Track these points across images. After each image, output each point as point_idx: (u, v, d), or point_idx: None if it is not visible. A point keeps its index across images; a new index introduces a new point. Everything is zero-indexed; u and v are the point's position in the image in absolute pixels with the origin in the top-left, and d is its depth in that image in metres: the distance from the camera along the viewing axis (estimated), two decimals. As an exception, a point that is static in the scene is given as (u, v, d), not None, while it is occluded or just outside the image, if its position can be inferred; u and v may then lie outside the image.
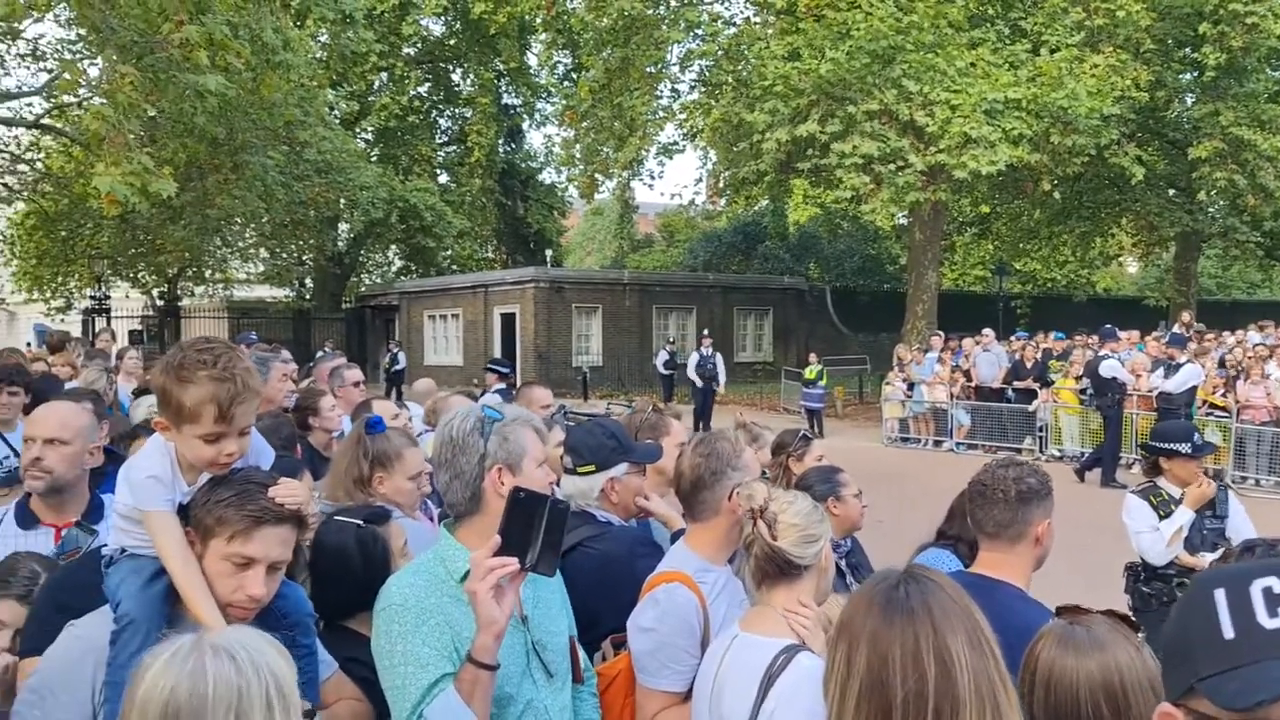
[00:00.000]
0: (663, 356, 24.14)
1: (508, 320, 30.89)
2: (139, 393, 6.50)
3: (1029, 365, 17.43)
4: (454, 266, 37.40)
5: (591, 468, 3.10)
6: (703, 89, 25.01)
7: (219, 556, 1.99)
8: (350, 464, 3.39)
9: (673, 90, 26.26)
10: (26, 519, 3.07)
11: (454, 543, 2.22)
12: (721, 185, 27.59)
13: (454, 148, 39.91)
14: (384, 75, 35.28)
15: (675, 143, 26.71)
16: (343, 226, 35.75)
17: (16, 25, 20.95)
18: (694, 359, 20.63)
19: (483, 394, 8.05)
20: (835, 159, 19.27)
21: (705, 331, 23.07)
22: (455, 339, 33.20)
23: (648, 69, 23.49)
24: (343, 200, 28.62)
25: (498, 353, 28.01)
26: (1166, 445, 4.88)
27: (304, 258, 35.03)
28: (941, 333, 20.34)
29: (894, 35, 18.55)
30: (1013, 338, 19.69)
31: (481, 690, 1.99)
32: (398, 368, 26.95)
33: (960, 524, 3.71)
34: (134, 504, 2.03)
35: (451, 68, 38.68)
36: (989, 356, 18.11)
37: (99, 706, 1.95)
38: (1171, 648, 1.11)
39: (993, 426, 17.34)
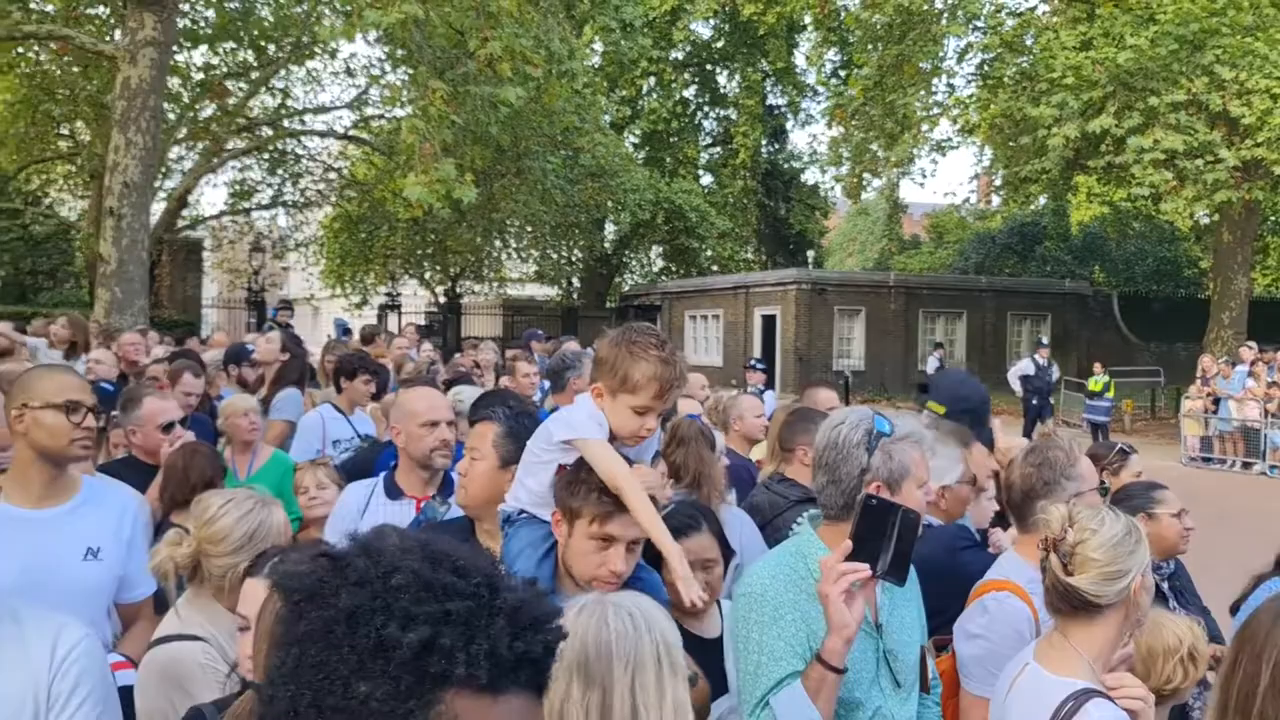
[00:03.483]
0: (933, 363, 23.36)
1: (768, 322, 30.90)
2: (448, 384, 7.03)
3: (1364, 382, 15.41)
4: (714, 267, 37.89)
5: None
6: (980, 83, 23.93)
7: (584, 536, 2.16)
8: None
9: (948, 85, 25.35)
10: (393, 490, 3.40)
11: (816, 541, 2.26)
12: (997, 183, 26.32)
13: (717, 149, 40.42)
14: (652, 80, 36.29)
15: (948, 139, 25.72)
16: (609, 227, 37.10)
17: (335, 46, 23.36)
18: (1024, 367, 18.71)
19: (743, 391, 8.13)
20: (1132, 155, 17.84)
21: (1043, 340, 20.40)
22: (715, 339, 33.61)
23: (922, 65, 22.76)
24: (610, 202, 29.72)
25: (758, 354, 28.09)
26: None
27: (573, 257, 36.65)
28: (1253, 344, 18.32)
29: (1207, 18, 16.92)
30: (1345, 351, 17.45)
31: (827, 691, 2.03)
32: (659, 365, 27.63)
33: (1312, 553, 3.38)
34: (571, 434, 2.24)
35: (717, 70, 39.19)
36: (1314, 371, 16.17)
37: None
38: None
39: (1316, 450, 15.48)
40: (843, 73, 31.85)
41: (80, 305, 18.44)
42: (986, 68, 23.17)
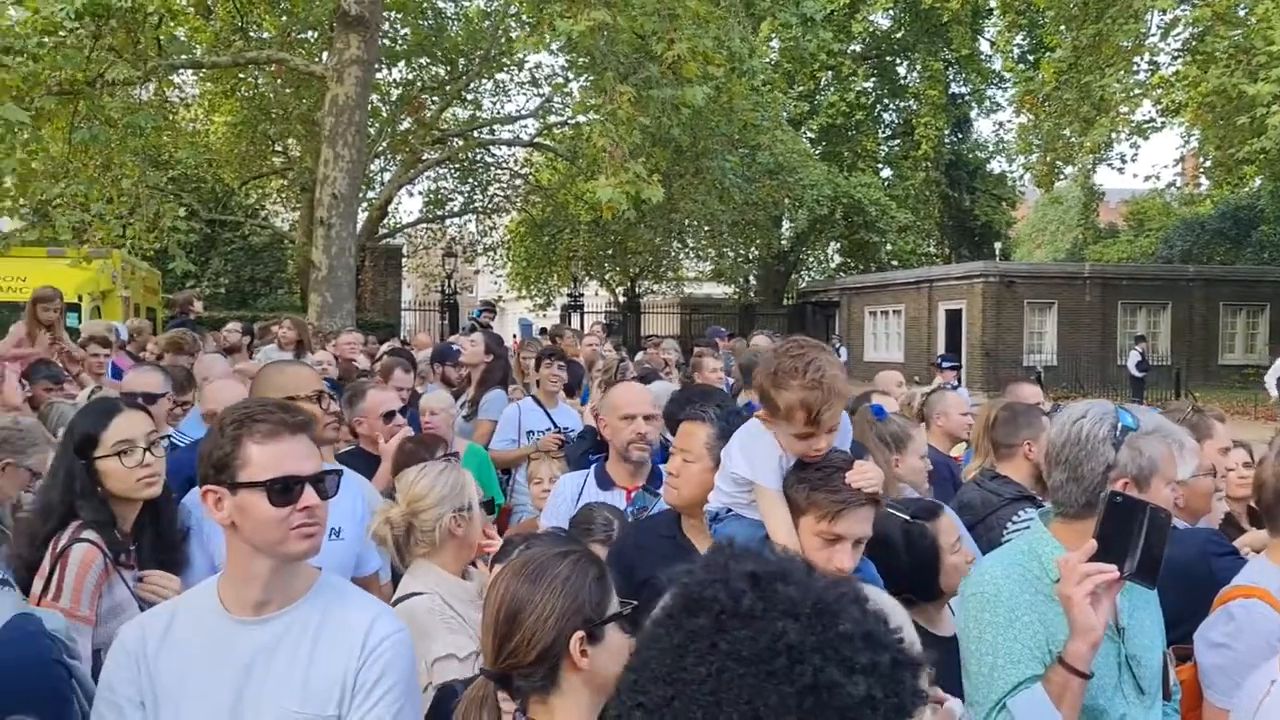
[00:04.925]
0: (1134, 357, 21.98)
1: (953, 317, 29.92)
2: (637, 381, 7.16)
3: None
4: (894, 262, 36.96)
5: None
6: (1188, 59, 22.29)
7: (811, 533, 2.19)
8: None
9: (1150, 63, 23.72)
10: (604, 481, 3.57)
11: (1050, 539, 2.19)
12: (1206, 165, 24.50)
13: (898, 141, 39.39)
14: (830, 74, 35.71)
15: (1151, 121, 24.08)
16: (786, 224, 36.79)
17: (521, 57, 24.19)
18: None
19: (933, 389, 7.87)
20: (1365, 129, 16.25)
21: None
22: (897, 335, 32.82)
23: (1122, 43, 21.42)
24: (787, 199, 29.48)
25: (942, 350, 27.19)
26: None
27: (750, 255, 36.58)
28: None
29: None
30: None
31: (1071, 696, 1.97)
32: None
33: None
34: (751, 476, 2.28)
35: (897, 61, 38.18)
36: None
37: None
38: None
39: None
40: (1031, 57, 30.47)
41: (293, 309, 19.84)
42: (1195, 43, 21.59)
